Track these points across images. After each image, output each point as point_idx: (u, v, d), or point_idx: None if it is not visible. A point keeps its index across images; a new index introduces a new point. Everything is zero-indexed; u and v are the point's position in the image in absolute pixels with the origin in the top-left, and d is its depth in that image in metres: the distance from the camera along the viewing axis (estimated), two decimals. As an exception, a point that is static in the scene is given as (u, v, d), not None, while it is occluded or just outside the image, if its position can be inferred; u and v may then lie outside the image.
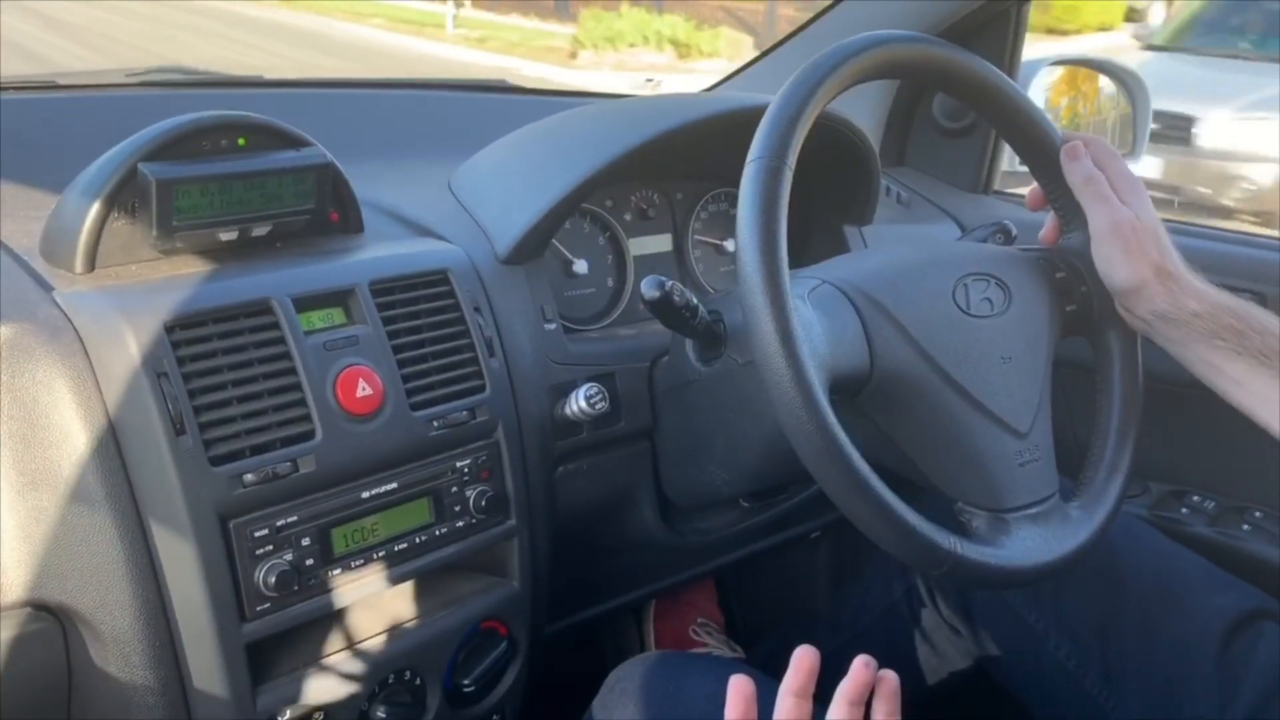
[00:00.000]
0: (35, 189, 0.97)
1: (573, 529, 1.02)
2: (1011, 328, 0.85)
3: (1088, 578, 0.98)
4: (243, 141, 0.86)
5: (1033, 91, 1.40)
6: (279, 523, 0.79)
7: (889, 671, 0.69)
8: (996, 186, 1.45)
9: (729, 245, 1.21)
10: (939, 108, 1.44)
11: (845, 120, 1.08)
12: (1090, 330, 0.92)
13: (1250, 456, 1.13)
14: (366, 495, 0.84)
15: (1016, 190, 1.45)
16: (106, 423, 0.75)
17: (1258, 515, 1.20)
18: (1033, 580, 0.80)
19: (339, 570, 0.83)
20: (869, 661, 0.68)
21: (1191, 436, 1.25)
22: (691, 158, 1.13)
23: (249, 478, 0.77)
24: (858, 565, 1.39)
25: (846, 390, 0.81)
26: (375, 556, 0.85)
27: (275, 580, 0.78)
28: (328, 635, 0.86)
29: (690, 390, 0.95)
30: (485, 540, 0.92)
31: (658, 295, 0.81)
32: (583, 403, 0.95)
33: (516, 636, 0.97)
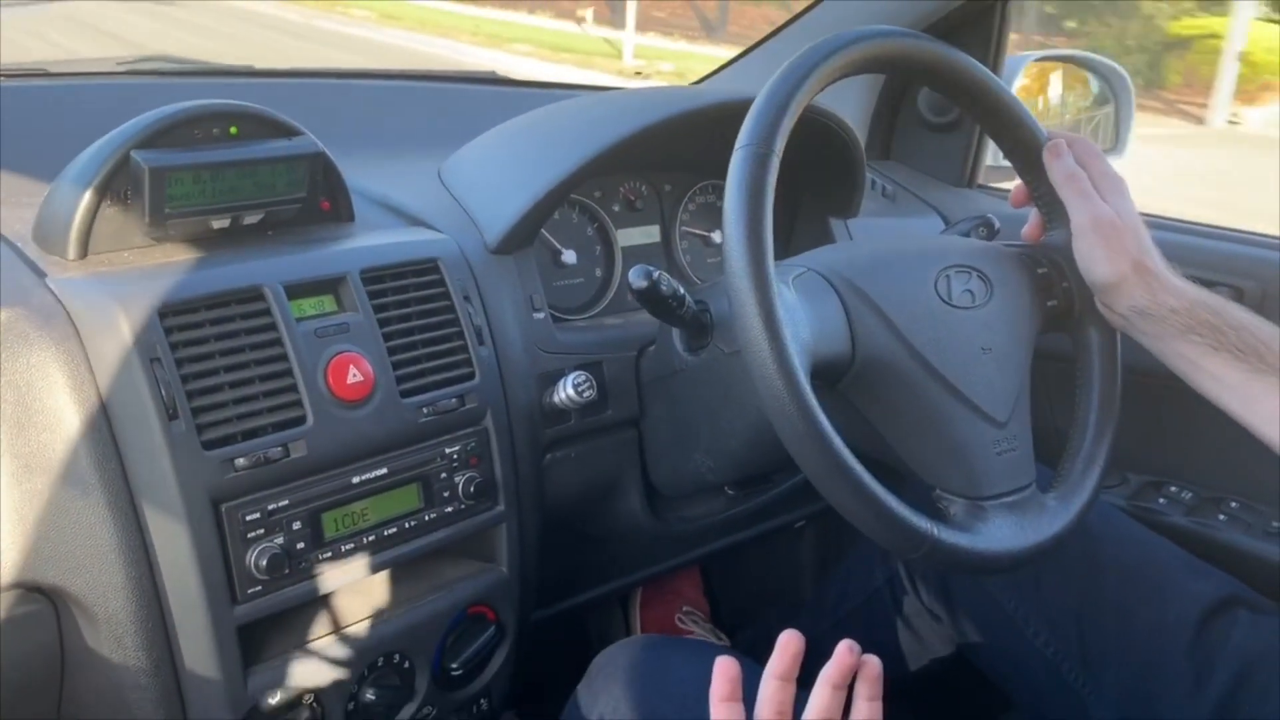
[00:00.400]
0: (28, 176, 0.97)
1: (560, 516, 1.03)
2: (992, 320, 0.86)
3: (1066, 566, 1.00)
4: (235, 130, 0.87)
5: (1016, 87, 1.41)
6: (270, 507, 0.80)
7: (872, 656, 0.70)
8: (980, 180, 1.46)
9: (716, 237, 1.22)
10: (925, 102, 1.45)
11: (832, 113, 1.08)
12: (1071, 325, 0.93)
13: (1226, 448, 1.14)
14: (357, 480, 0.85)
15: (1000, 184, 1.46)
16: (100, 407, 0.76)
17: (1233, 505, 1.22)
18: (1008, 567, 0.81)
19: (329, 554, 0.84)
20: (853, 646, 0.69)
21: (1169, 429, 1.26)
22: (679, 150, 1.14)
23: (240, 462, 0.78)
24: (841, 555, 1.41)
25: (828, 376, 0.82)
26: (365, 541, 0.86)
27: (266, 563, 0.79)
28: (318, 618, 0.87)
29: (677, 379, 0.96)
30: (474, 526, 0.93)
31: (645, 285, 0.81)
32: (570, 391, 0.96)
33: (504, 621, 0.98)
